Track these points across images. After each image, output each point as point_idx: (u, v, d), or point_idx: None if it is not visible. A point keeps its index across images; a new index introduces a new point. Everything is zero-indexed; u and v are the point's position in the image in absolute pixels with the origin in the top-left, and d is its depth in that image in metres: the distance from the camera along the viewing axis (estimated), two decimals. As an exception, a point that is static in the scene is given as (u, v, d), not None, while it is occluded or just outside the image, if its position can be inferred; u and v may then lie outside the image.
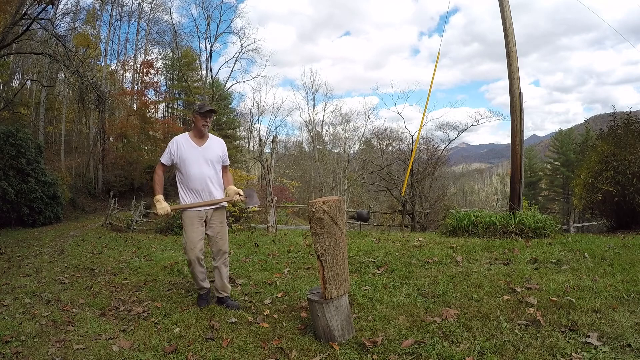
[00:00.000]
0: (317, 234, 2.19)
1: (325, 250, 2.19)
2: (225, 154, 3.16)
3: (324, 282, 2.20)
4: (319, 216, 2.17)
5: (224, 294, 3.04)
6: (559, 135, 41.80)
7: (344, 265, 2.27)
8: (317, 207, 2.16)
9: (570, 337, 2.04)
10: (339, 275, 2.23)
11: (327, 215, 2.18)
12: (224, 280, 3.02)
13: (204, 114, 2.94)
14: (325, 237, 2.19)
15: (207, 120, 2.98)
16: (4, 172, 13.52)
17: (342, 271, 2.25)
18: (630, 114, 8.37)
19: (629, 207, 7.38)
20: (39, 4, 11.60)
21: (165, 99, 34.95)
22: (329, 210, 2.18)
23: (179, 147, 2.95)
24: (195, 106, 3.01)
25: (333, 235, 2.20)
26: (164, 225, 10.57)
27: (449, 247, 4.68)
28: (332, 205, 2.19)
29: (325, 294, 2.21)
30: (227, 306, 2.96)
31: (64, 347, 2.39)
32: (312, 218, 2.18)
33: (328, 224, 2.18)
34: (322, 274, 2.20)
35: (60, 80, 22.89)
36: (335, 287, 2.21)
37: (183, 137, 3.04)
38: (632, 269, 3.14)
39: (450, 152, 22.48)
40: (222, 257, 3.01)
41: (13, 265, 5.62)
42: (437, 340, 2.10)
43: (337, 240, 2.22)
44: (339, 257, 2.23)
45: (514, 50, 6.40)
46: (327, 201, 2.20)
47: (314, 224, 2.18)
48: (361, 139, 36.42)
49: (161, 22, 32.02)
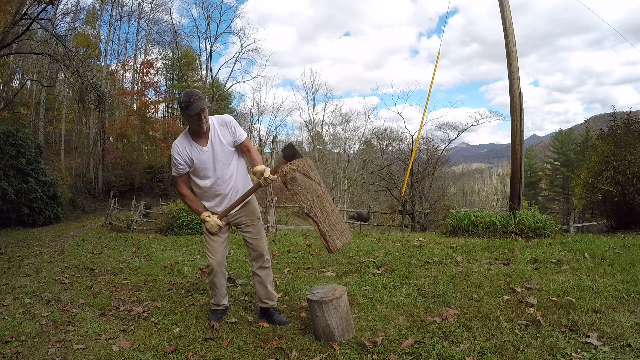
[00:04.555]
0: (296, 193, 2.16)
1: (311, 205, 2.16)
2: (236, 132, 2.53)
3: (324, 237, 2.15)
4: (291, 176, 2.15)
5: (269, 303, 2.62)
6: (559, 135, 41.80)
7: (336, 215, 2.22)
8: (286, 169, 2.17)
9: (570, 337, 2.04)
10: (334, 224, 2.19)
11: (298, 172, 2.16)
12: (267, 287, 2.61)
13: (196, 114, 2.35)
14: (306, 193, 2.17)
15: (201, 118, 2.37)
16: (4, 172, 13.52)
17: (337, 220, 2.21)
18: (630, 114, 8.37)
19: (629, 207, 7.38)
20: (39, 4, 11.60)
21: (165, 99, 34.95)
22: (298, 168, 2.18)
23: (182, 153, 2.46)
24: (181, 103, 2.34)
25: (312, 189, 2.18)
26: (164, 225, 10.57)
27: (449, 247, 4.69)
28: (299, 164, 2.19)
29: (329, 247, 2.15)
30: (274, 320, 2.57)
31: (64, 347, 2.39)
32: (286, 181, 2.16)
33: (302, 180, 2.17)
34: (318, 228, 2.16)
35: (60, 80, 22.91)
36: (336, 236, 2.17)
37: (184, 141, 2.48)
38: (632, 269, 3.14)
39: (450, 152, 22.46)
40: (261, 260, 2.61)
41: (13, 265, 5.62)
42: (437, 340, 2.10)
43: (318, 193, 2.19)
44: (327, 208, 2.19)
45: (514, 51, 6.40)
46: (294, 162, 2.20)
47: (290, 185, 2.16)
48: (361, 139, 36.46)
49: (161, 22, 32.10)
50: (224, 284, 2.71)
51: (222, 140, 2.49)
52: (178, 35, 31.01)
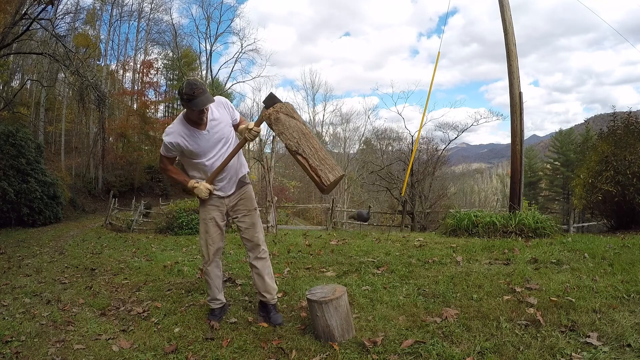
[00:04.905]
0: (282, 132, 2.21)
1: (298, 142, 2.19)
2: (234, 112, 2.53)
3: (315, 171, 2.15)
4: (275, 116, 2.22)
5: (267, 297, 2.57)
6: (559, 135, 41.79)
7: (324, 151, 2.23)
8: (270, 112, 2.23)
9: (570, 337, 2.04)
10: (324, 159, 2.19)
11: (281, 114, 2.22)
12: (265, 278, 2.55)
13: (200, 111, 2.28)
14: (292, 131, 2.20)
15: (203, 112, 2.32)
16: (4, 172, 13.53)
17: (326, 155, 2.22)
18: (630, 114, 8.38)
19: (629, 207, 7.38)
20: (39, 4, 11.61)
21: (165, 99, 34.95)
22: (282, 110, 2.24)
23: (179, 138, 2.36)
24: (183, 95, 2.23)
25: (297, 127, 2.22)
26: (164, 225, 10.57)
27: (449, 247, 4.68)
28: (282, 106, 2.25)
29: (322, 181, 2.13)
30: (270, 318, 2.52)
31: (64, 347, 2.39)
32: (271, 122, 2.23)
33: (286, 119, 2.22)
34: (308, 164, 2.16)
35: (60, 80, 22.91)
36: (328, 170, 2.15)
37: (181, 128, 2.38)
38: (632, 269, 3.14)
39: (450, 152, 22.47)
40: (257, 251, 2.56)
41: (13, 265, 5.62)
42: (437, 340, 2.10)
43: (304, 131, 2.23)
44: (314, 145, 2.21)
45: (514, 51, 6.40)
46: (276, 105, 2.26)
47: (275, 126, 2.22)
48: (361, 139, 36.43)
49: (161, 22, 32.13)
50: (219, 276, 2.66)
51: (220, 121, 2.45)
52: (178, 35, 31.10)
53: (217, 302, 2.70)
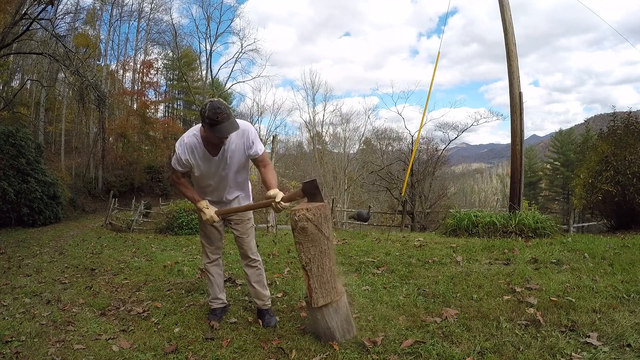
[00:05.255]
0: (301, 243, 2.09)
1: (310, 260, 2.10)
2: (253, 146, 2.36)
3: (310, 291, 2.14)
4: (302, 225, 2.05)
5: (258, 303, 2.64)
6: (559, 135, 41.80)
7: (331, 273, 2.17)
8: (299, 216, 2.05)
9: (570, 337, 2.04)
10: (325, 283, 2.15)
11: (311, 223, 2.06)
12: (254, 286, 2.61)
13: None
14: (310, 246, 2.09)
15: (224, 140, 2.24)
16: (4, 172, 13.54)
17: (329, 279, 2.16)
18: (630, 114, 8.38)
19: (629, 207, 7.38)
20: (39, 4, 11.60)
21: (165, 99, 35.01)
22: (313, 219, 2.07)
23: (192, 157, 2.34)
24: (205, 118, 2.11)
25: (318, 243, 2.09)
26: (164, 225, 10.57)
27: (449, 247, 4.68)
28: (316, 213, 2.07)
29: (312, 302, 2.16)
30: (264, 322, 2.55)
31: (64, 347, 2.39)
32: (295, 227, 2.06)
33: (313, 232, 2.07)
34: (308, 283, 2.13)
35: (60, 80, 22.90)
36: (321, 295, 2.15)
37: (194, 143, 2.31)
38: (632, 269, 3.14)
39: (450, 152, 22.49)
40: (247, 259, 2.63)
41: (13, 265, 5.62)
42: (437, 340, 2.10)
43: (323, 248, 2.11)
44: (325, 265, 2.13)
45: (514, 51, 6.40)
46: (311, 208, 2.08)
47: (297, 233, 2.07)
48: (361, 139, 36.42)
49: (161, 22, 32.11)
50: (220, 274, 2.69)
51: (234, 153, 2.34)
52: (178, 35, 31.04)
53: (218, 302, 2.72)
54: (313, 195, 2.18)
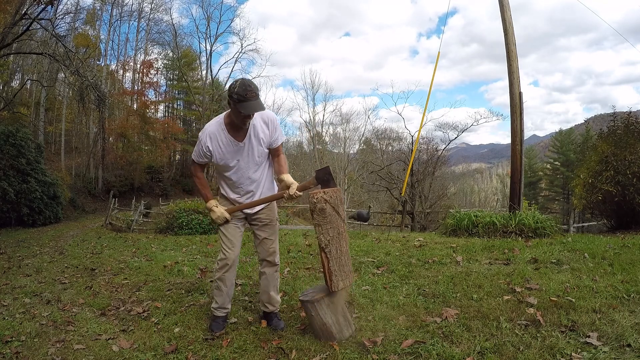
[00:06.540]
0: (320, 225, 2.13)
1: (330, 241, 2.14)
2: (275, 132, 2.37)
3: (330, 275, 2.15)
4: (321, 206, 2.11)
5: (269, 308, 2.55)
6: (559, 135, 41.81)
7: (347, 256, 2.23)
8: (318, 198, 2.11)
9: (570, 337, 2.04)
10: (344, 266, 2.20)
11: (329, 205, 2.13)
12: (269, 291, 2.52)
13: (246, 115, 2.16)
14: (329, 227, 2.14)
15: (248, 118, 2.20)
16: (4, 172, 13.55)
17: (347, 262, 2.21)
18: (630, 114, 8.39)
19: (629, 207, 7.39)
20: (39, 4, 11.60)
21: (165, 99, 34.99)
22: (331, 200, 2.14)
23: (214, 144, 2.29)
24: (233, 94, 2.10)
25: (336, 225, 2.15)
26: (164, 225, 10.57)
27: (449, 247, 4.68)
28: (332, 195, 2.15)
29: (331, 286, 2.16)
30: (271, 325, 2.50)
31: (64, 347, 2.39)
32: (315, 209, 2.12)
33: (330, 213, 2.14)
34: (328, 266, 2.15)
35: (60, 80, 22.91)
36: (341, 278, 2.18)
37: (217, 126, 2.29)
38: (632, 269, 3.14)
39: (450, 152, 22.51)
40: (270, 262, 2.53)
41: (13, 265, 5.62)
42: (437, 340, 2.11)
43: (340, 230, 2.17)
44: (342, 247, 2.19)
45: (514, 51, 6.40)
46: (328, 191, 2.16)
47: (317, 215, 2.12)
48: (361, 139, 36.47)
49: (161, 22, 32.13)
50: (233, 284, 2.59)
51: (261, 137, 2.33)
52: (178, 35, 31.06)
53: (224, 311, 2.57)
54: (326, 182, 2.23)
